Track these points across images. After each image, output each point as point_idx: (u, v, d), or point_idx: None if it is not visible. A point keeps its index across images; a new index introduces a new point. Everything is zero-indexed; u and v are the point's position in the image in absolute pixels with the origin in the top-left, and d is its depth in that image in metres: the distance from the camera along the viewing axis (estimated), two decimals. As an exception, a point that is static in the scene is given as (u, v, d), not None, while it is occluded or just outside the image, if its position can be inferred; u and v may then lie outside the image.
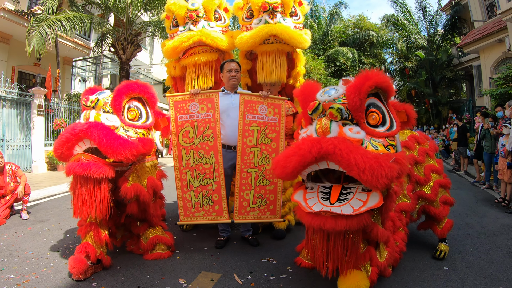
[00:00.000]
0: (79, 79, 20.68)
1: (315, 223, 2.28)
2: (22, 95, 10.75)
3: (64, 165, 9.00)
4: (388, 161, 2.13)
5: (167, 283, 2.98)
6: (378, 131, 2.43)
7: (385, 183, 2.06)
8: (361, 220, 2.21)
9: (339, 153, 2.10)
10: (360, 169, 2.06)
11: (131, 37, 14.00)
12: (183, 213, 3.85)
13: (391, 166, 2.10)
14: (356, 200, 2.27)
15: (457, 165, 11.96)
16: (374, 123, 2.45)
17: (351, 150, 2.11)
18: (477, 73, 17.20)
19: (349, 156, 2.08)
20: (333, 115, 2.32)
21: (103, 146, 2.86)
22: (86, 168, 2.87)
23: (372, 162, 2.07)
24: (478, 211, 5.77)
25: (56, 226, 4.85)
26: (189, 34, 4.07)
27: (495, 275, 3.13)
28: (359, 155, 2.09)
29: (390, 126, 2.51)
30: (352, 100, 2.38)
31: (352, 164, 2.07)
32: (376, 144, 2.37)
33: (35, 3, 14.62)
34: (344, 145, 2.14)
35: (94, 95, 3.21)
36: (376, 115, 2.47)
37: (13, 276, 3.13)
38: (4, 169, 5.46)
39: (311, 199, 2.41)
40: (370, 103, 2.50)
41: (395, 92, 3.96)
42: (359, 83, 2.41)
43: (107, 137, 2.88)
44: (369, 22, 27.92)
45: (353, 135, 2.29)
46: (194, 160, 3.80)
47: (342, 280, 2.55)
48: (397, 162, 2.20)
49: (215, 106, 3.82)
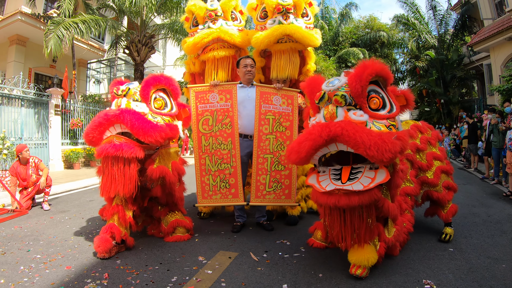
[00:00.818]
0: (94, 80, 21.14)
1: (331, 201, 2.52)
2: (39, 95, 11.10)
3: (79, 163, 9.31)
4: (391, 138, 2.34)
5: (188, 260, 3.21)
6: (379, 114, 2.67)
7: (389, 157, 2.27)
8: (371, 195, 2.45)
9: (346, 134, 2.32)
10: (366, 146, 2.28)
11: (145, 39, 14.32)
12: (201, 196, 4.11)
13: (394, 142, 2.31)
14: (365, 177, 2.49)
15: (468, 162, 11.98)
16: (376, 107, 2.70)
17: (357, 130, 2.33)
18: (487, 71, 17.07)
19: (355, 135, 2.30)
20: (338, 101, 2.55)
21: (135, 129, 3.12)
22: (118, 149, 3.12)
23: (376, 139, 2.29)
24: (485, 203, 5.88)
25: (77, 216, 5.10)
26: (209, 31, 4.35)
27: (498, 256, 3.26)
28: (364, 134, 2.31)
29: (390, 109, 2.75)
30: (354, 87, 2.61)
31: (359, 142, 2.29)
32: (379, 125, 2.60)
33: (50, 6, 15.03)
34: (350, 126, 2.36)
35: (124, 85, 3.48)
36: (377, 100, 2.71)
37: (40, 256, 3.36)
38: (28, 162, 5.75)
39: (324, 181, 2.64)
40: (370, 90, 2.73)
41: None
42: (359, 71, 2.65)
43: (138, 121, 3.15)
44: (379, 22, 27.97)
45: (358, 118, 2.52)
46: (213, 146, 4.08)
47: (352, 253, 2.76)
48: (399, 139, 2.41)
49: (233, 97, 4.13)
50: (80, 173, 10.76)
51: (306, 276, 2.84)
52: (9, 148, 7.93)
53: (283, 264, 3.11)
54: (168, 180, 3.57)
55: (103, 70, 21.63)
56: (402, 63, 27.22)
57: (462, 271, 2.92)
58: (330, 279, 2.78)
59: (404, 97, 2.93)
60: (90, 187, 8.13)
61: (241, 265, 3.08)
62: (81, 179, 9.15)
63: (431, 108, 22.13)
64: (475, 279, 2.76)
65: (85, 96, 15.86)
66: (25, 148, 5.72)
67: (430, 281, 2.70)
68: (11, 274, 2.90)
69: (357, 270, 2.71)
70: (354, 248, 2.75)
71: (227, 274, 2.88)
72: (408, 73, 26.14)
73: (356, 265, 2.73)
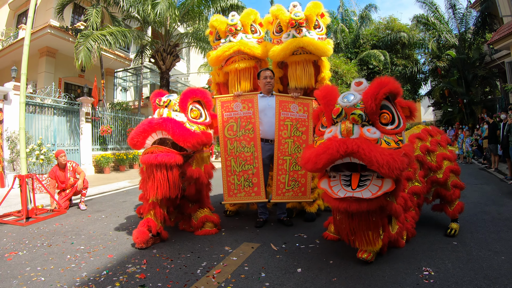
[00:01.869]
0: (120, 88, 21.92)
1: (342, 206, 2.84)
2: (70, 104, 11.75)
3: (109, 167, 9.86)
4: (400, 156, 2.65)
5: (215, 250, 3.67)
6: (388, 129, 2.93)
7: (398, 174, 2.62)
8: (379, 201, 2.79)
9: (362, 152, 2.61)
10: (380, 165, 2.57)
11: (170, 48, 14.84)
12: (227, 194, 4.54)
13: (402, 160, 2.63)
14: (373, 185, 2.81)
15: (488, 163, 11.96)
16: (386, 122, 2.96)
17: (372, 149, 2.62)
18: (509, 69, 16.66)
19: (370, 154, 2.59)
20: (355, 120, 2.84)
21: (176, 135, 3.62)
22: (161, 158, 3.60)
23: (388, 158, 2.58)
24: (498, 201, 6.01)
25: (112, 214, 5.59)
26: (230, 45, 4.72)
27: (500, 249, 3.51)
28: (378, 153, 2.60)
29: (398, 123, 3.01)
30: (370, 105, 2.87)
31: (373, 161, 2.58)
32: (388, 140, 2.87)
33: (77, 19, 15.79)
34: (366, 145, 2.64)
35: (165, 97, 3.98)
36: (387, 116, 2.97)
37: (83, 247, 3.86)
38: (66, 166, 6.29)
39: (335, 186, 2.95)
40: (382, 105, 2.98)
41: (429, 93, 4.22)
42: (375, 90, 2.89)
43: (179, 129, 3.65)
44: (399, 23, 27.82)
45: (371, 135, 2.80)
46: (237, 149, 4.53)
47: None
48: (406, 155, 2.72)
49: (254, 105, 4.60)
50: (110, 177, 11.35)
51: (319, 262, 3.25)
52: (45, 154, 8.50)
53: (299, 253, 3.53)
54: (201, 181, 4.08)
55: (129, 78, 22.38)
56: (424, 63, 26.94)
57: (461, 261, 3.21)
58: (339, 265, 3.17)
59: (409, 109, 3.14)
60: (121, 190, 8.66)
61: (262, 254, 3.51)
62: (112, 183, 9.71)
63: (454, 109, 21.88)
64: (472, 268, 3.04)
65: (113, 104, 16.53)
66: (61, 153, 6.25)
67: (430, 268, 3.03)
68: (59, 261, 3.39)
69: (363, 254, 3.11)
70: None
71: (250, 261, 3.32)
72: (429, 73, 25.84)
73: (362, 249, 3.12)
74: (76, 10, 16.00)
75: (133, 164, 14.16)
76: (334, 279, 2.87)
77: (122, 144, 14.37)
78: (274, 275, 2.99)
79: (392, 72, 25.21)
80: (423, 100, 29.25)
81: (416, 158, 3.85)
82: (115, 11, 14.44)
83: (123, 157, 13.30)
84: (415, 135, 4.09)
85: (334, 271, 3.02)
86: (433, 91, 24.16)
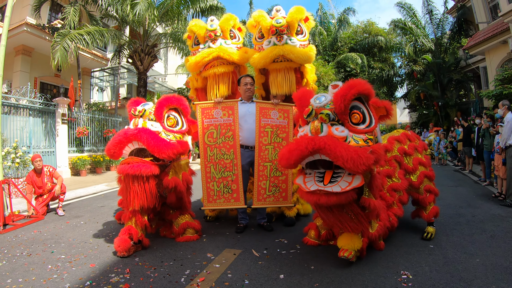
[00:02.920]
0: (97, 89, 21.56)
1: (312, 199, 3.02)
2: (46, 104, 11.46)
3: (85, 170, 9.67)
4: (366, 152, 2.77)
5: (198, 257, 3.66)
6: (359, 129, 3.08)
7: (363, 169, 2.73)
8: (348, 196, 2.93)
9: (328, 148, 2.76)
10: (344, 160, 2.70)
11: (148, 48, 14.67)
12: (207, 200, 4.59)
13: (368, 156, 2.74)
14: (344, 181, 2.96)
15: (463, 165, 12.32)
16: (356, 122, 3.11)
17: (337, 145, 2.76)
18: (484, 74, 17.20)
19: (335, 150, 2.74)
20: (323, 119, 2.98)
21: (151, 146, 3.58)
22: (137, 169, 3.59)
23: (353, 154, 2.70)
24: (473, 204, 6.23)
25: (91, 220, 5.49)
26: (209, 50, 4.71)
27: (474, 252, 3.65)
28: (343, 149, 2.74)
29: (369, 123, 3.16)
30: (338, 106, 3.03)
31: (338, 156, 2.72)
32: (357, 139, 3.02)
33: (55, 17, 15.41)
34: (332, 142, 2.79)
35: (141, 106, 3.95)
36: (358, 116, 3.12)
37: (64, 256, 3.77)
38: (43, 171, 6.15)
39: (309, 182, 3.11)
40: (353, 106, 3.13)
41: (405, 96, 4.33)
42: (344, 91, 3.04)
43: (154, 139, 3.60)
44: (377, 27, 28.23)
45: (339, 134, 2.94)
46: (217, 156, 4.56)
47: (341, 239, 3.33)
48: (373, 153, 2.85)
49: (235, 113, 4.62)
50: (87, 180, 11.14)
51: (300, 268, 3.29)
52: (21, 157, 8.26)
53: (281, 259, 3.56)
54: (179, 189, 4.05)
55: (106, 78, 22.04)
56: (400, 67, 27.46)
57: (438, 264, 3.33)
58: (321, 270, 3.23)
59: (385, 108, 3.33)
60: (99, 194, 8.52)
61: (245, 260, 3.53)
62: (89, 186, 9.54)
63: (429, 111, 22.35)
64: (449, 271, 3.16)
65: (90, 104, 16.24)
66: (37, 158, 6.11)
67: (408, 272, 3.12)
68: (41, 272, 3.30)
69: (345, 252, 3.20)
70: (342, 235, 3.29)
71: (233, 267, 3.33)
72: (406, 77, 26.37)
73: (344, 248, 3.22)
74: (54, 7, 15.57)
75: (110, 166, 13.93)
76: (316, 285, 2.92)
77: (98, 146, 14.12)
78: (258, 282, 3.01)
79: (369, 75, 25.63)
80: (399, 102, 29.83)
81: (394, 158, 4.05)
82: (93, 9, 14.18)
83: (100, 159, 13.04)
84: (395, 138, 4.26)
85: (316, 277, 3.07)
86: (409, 94, 24.67)
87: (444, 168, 12.85)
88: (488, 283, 2.90)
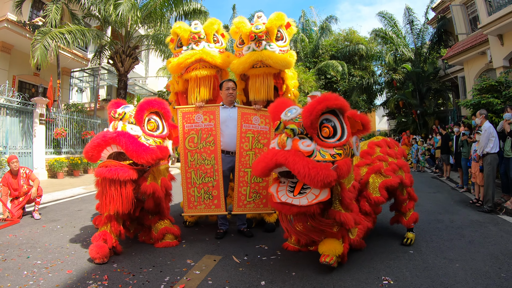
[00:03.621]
0: (76, 89, 21.15)
1: (278, 207, 3.09)
2: (24, 104, 11.18)
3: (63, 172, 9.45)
4: (327, 169, 2.77)
5: (178, 263, 3.58)
6: (328, 142, 3.08)
7: (321, 185, 2.75)
8: (309, 209, 2.94)
9: (288, 163, 2.81)
10: (302, 175, 2.74)
11: (129, 50, 14.48)
12: (187, 206, 4.51)
13: (327, 173, 2.74)
14: (311, 194, 2.96)
15: (441, 172, 12.55)
16: (326, 135, 3.10)
17: (296, 161, 2.79)
18: (462, 83, 17.62)
19: (295, 165, 2.78)
20: (288, 133, 3.00)
21: (130, 151, 3.49)
22: (114, 172, 3.49)
23: (311, 171, 2.72)
24: (451, 210, 6.35)
25: (68, 224, 5.34)
26: (192, 52, 4.66)
27: (454, 257, 3.72)
28: (301, 165, 2.76)
29: (341, 136, 3.14)
30: (305, 121, 3.04)
31: (296, 172, 2.77)
32: (324, 153, 3.02)
33: (36, 14, 15.07)
34: (292, 157, 2.82)
35: (121, 109, 3.85)
36: (327, 129, 3.10)
37: (40, 261, 3.63)
38: (19, 173, 5.97)
39: (281, 191, 3.13)
40: (324, 119, 3.13)
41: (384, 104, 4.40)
42: (311, 106, 3.04)
43: (133, 144, 3.52)
44: (358, 35, 28.71)
45: (305, 148, 2.95)
46: (198, 161, 4.50)
47: (322, 245, 3.33)
48: (337, 168, 2.87)
49: (216, 117, 4.56)
50: (64, 182, 10.87)
51: (281, 274, 3.26)
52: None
53: (262, 265, 3.52)
54: (157, 195, 3.97)
55: (86, 79, 21.65)
56: (380, 75, 27.94)
57: (418, 269, 3.36)
58: (302, 276, 3.20)
59: (361, 123, 3.29)
60: (76, 197, 8.32)
61: (225, 267, 3.48)
62: (66, 189, 9.29)
63: (408, 119, 22.77)
64: (429, 276, 3.20)
65: (68, 105, 15.92)
66: (13, 159, 5.94)
67: (389, 277, 3.14)
68: (16, 279, 3.17)
69: (326, 258, 3.19)
70: (323, 241, 3.30)
71: (213, 274, 3.27)
72: (385, 85, 26.85)
73: (325, 254, 3.22)
74: (36, 4, 15.19)
75: (87, 168, 13.63)
76: (297, 292, 2.90)
77: (76, 147, 13.84)
78: (238, 288, 2.97)
79: (349, 83, 26.02)
80: (378, 109, 30.29)
81: (378, 159, 4.14)
82: (75, 8, 13.90)
83: (78, 162, 12.74)
84: (375, 143, 4.36)
85: (297, 283, 3.05)
86: (388, 102, 25.13)
87: (422, 175, 13.06)
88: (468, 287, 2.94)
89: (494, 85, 10.06)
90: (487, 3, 12.30)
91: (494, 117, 8.73)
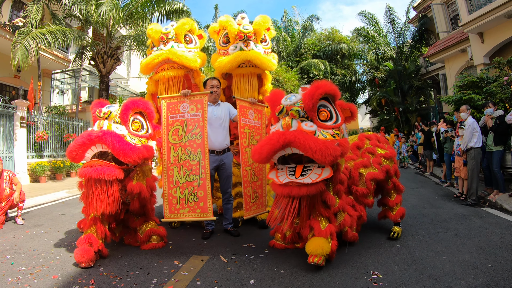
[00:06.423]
0: (58, 91, 20.74)
1: (285, 191, 3.19)
2: (5, 107, 10.91)
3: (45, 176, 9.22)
4: (333, 145, 2.98)
5: (165, 265, 3.53)
6: (326, 125, 3.31)
7: (331, 160, 2.92)
8: (318, 187, 3.13)
9: (297, 141, 2.96)
10: (313, 151, 2.90)
11: (111, 50, 14.26)
12: (168, 210, 4.07)
13: (335, 148, 2.95)
14: (314, 174, 3.15)
15: (424, 167, 12.74)
16: (324, 119, 3.34)
17: (306, 138, 2.96)
18: (443, 81, 17.94)
19: (305, 142, 2.93)
20: (293, 115, 3.20)
21: (116, 150, 3.44)
22: (100, 172, 3.43)
23: (321, 146, 2.91)
24: (435, 204, 6.47)
25: (52, 229, 5.21)
26: (159, 53, 4.65)
27: (440, 250, 3.78)
28: (311, 141, 2.94)
29: (336, 120, 3.41)
30: (307, 104, 3.25)
31: (307, 148, 2.92)
32: (325, 133, 3.23)
33: (16, 15, 14.74)
34: (301, 135, 2.99)
35: (106, 108, 3.79)
36: (325, 113, 3.36)
37: (24, 268, 3.52)
38: (2, 175, 5.75)
39: (281, 176, 3.29)
40: (321, 104, 3.38)
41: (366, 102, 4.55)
42: (312, 91, 3.27)
43: (119, 143, 3.48)
44: (340, 34, 28.95)
45: (308, 128, 3.15)
46: (182, 156, 4.08)
47: (309, 245, 3.30)
48: (340, 145, 3.07)
49: (204, 107, 4.17)
50: (46, 186, 10.63)
51: (270, 272, 3.25)
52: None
53: (250, 264, 3.51)
54: (143, 196, 3.91)
55: (67, 80, 21.26)
56: (362, 73, 28.20)
57: (406, 263, 3.40)
58: (291, 274, 3.20)
59: (350, 110, 3.54)
60: (60, 201, 8.16)
61: (213, 267, 3.44)
62: (49, 193, 9.09)
63: (390, 116, 23.02)
64: (417, 269, 3.24)
65: (50, 108, 15.61)
66: None
67: (377, 271, 3.16)
68: (1, 286, 3.06)
69: (314, 258, 3.18)
70: (310, 240, 3.30)
71: (201, 274, 3.23)
72: (367, 83, 27.14)
73: (313, 254, 3.21)
74: (16, 5, 14.85)
75: (70, 172, 13.36)
76: (287, 289, 2.89)
77: (59, 151, 13.54)
78: (227, 288, 2.94)
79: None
80: (361, 108, 30.57)
81: (366, 150, 4.24)
82: (56, 8, 13.57)
83: (60, 165, 12.48)
84: (365, 136, 4.49)
85: (287, 281, 3.04)
86: (371, 100, 25.45)
87: (405, 171, 13.24)
88: (457, 279, 2.99)
89: (475, 82, 10.26)
90: (468, 1, 12.54)
91: (476, 113, 8.88)
